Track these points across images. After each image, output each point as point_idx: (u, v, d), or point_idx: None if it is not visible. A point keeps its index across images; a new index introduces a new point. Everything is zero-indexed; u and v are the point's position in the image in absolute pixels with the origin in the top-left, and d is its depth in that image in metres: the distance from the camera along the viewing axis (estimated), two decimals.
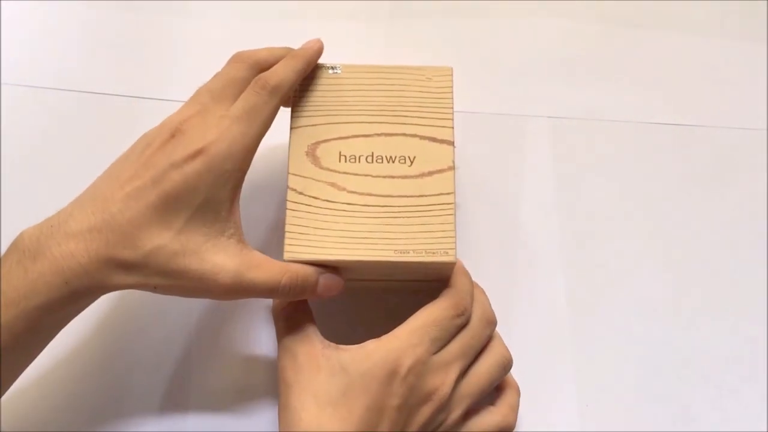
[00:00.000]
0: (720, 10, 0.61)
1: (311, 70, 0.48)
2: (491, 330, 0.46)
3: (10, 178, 0.54)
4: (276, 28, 0.59)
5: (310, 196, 0.45)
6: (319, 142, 0.47)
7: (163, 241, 0.41)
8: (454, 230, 0.45)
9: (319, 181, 0.46)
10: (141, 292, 0.51)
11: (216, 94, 0.44)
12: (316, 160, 0.46)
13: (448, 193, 0.46)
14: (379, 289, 0.50)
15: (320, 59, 0.49)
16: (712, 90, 0.58)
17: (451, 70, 0.49)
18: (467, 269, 0.46)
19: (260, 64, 0.46)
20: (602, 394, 0.50)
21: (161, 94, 0.57)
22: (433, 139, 0.47)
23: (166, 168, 0.41)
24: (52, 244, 0.40)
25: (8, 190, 0.53)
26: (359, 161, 0.46)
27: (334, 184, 0.46)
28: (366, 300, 0.51)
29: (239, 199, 0.44)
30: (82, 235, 0.40)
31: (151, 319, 0.51)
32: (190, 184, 0.41)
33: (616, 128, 0.57)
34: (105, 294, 0.42)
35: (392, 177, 0.46)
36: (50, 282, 0.39)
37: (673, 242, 0.54)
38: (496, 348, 0.46)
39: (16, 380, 0.46)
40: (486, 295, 0.47)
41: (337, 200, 0.45)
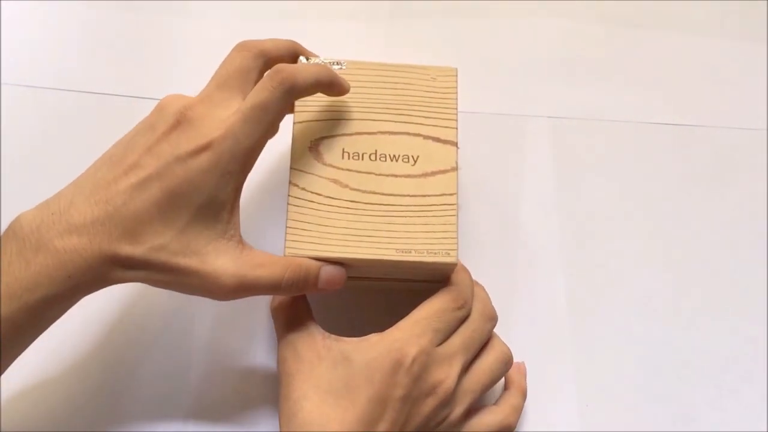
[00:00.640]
0: (720, 10, 0.61)
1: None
2: (492, 325, 0.46)
3: (10, 178, 0.53)
4: (276, 28, 0.59)
5: (312, 192, 0.45)
6: (322, 138, 0.47)
7: (165, 240, 0.40)
8: (456, 231, 0.45)
9: (322, 178, 0.46)
10: (142, 295, 0.52)
11: (221, 83, 0.44)
12: (318, 156, 0.46)
13: (451, 194, 0.46)
14: (380, 289, 0.50)
15: (323, 55, 0.49)
16: (712, 90, 0.58)
17: (456, 71, 0.49)
18: (467, 268, 0.46)
19: (266, 54, 0.45)
20: (602, 394, 0.50)
21: (161, 94, 0.57)
22: (437, 140, 0.47)
23: (171, 161, 0.40)
24: (54, 236, 0.39)
25: (8, 190, 0.53)
26: (362, 158, 0.46)
27: (336, 181, 0.46)
28: (366, 300, 0.51)
29: (239, 199, 0.43)
30: (85, 228, 0.39)
31: (151, 322, 0.51)
32: (194, 182, 0.40)
33: (616, 128, 0.57)
34: (107, 287, 0.41)
35: (395, 176, 0.46)
36: (53, 276, 0.39)
37: (673, 242, 0.54)
38: (497, 345, 0.46)
39: (18, 381, 0.46)
40: (486, 292, 0.47)
41: (339, 197, 0.45)
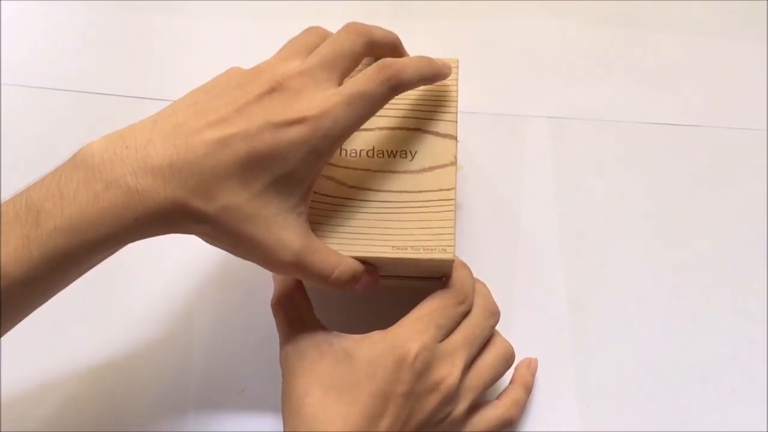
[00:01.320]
0: (720, 10, 0.61)
1: None
2: (495, 321, 0.46)
3: (10, 178, 0.54)
4: (276, 28, 0.59)
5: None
6: None
7: (238, 201, 0.38)
8: (454, 227, 0.45)
9: (320, 176, 0.45)
10: (142, 294, 0.51)
11: (325, 61, 0.41)
12: None
13: (449, 189, 0.45)
14: (380, 287, 0.50)
15: None
16: (712, 90, 0.58)
17: (457, 61, 0.48)
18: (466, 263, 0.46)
19: (374, 44, 0.44)
20: (602, 394, 0.50)
21: (161, 94, 0.57)
22: (436, 134, 0.46)
23: (262, 125, 0.38)
24: (128, 173, 0.37)
25: (8, 190, 0.53)
26: (360, 155, 0.46)
27: (333, 179, 0.46)
28: (366, 298, 0.51)
29: (315, 181, 0.42)
30: (161, 171, 0.37)
31: (152, 318, 0.51)
32: (281, 151, 0.39)
33: (616, 128, 0.57)
34: (165, 235, 0.39)
35: (393, 172, 0.46)
36: (121, 215, 0.37)
37: (673, 242, 0.54)
38: (499, 341, 0.46)
39: (18, 381, 0.46)
40: (487, 288, 0.47)
41: (336, 195, 0.45)
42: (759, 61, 0.59)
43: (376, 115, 0.46)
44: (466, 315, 0.45)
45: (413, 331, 0.42)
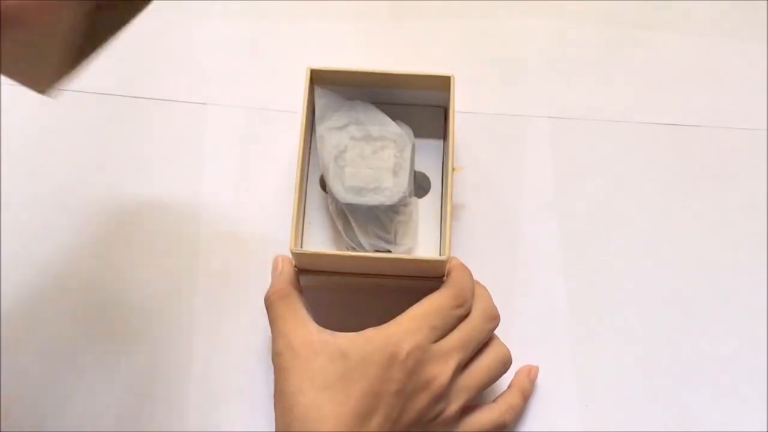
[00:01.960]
0: (720, 10, 0.61)
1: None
2: (493, 325, 0.46)
3: (10, 178, 0.54)
4: (276, 28, 0.59)
5: None
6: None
7: None
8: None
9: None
10: (142, 295, 0.51)
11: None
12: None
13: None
14: (379, 288, 0.50)
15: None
16: (712, 90, 0.58)
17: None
18: (467, 266, 0.46)
19: None
20: (602, 394, 0.50)
21: (161, 94, 0.57)
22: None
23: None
24: None
25: (8, 190, 0.53)
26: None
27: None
28: (361, 299, 0.51)
29: None
30: None
31: (151, 318, 0.51)
32: None
33: (616, 128, 0.57)
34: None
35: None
36: None
37: (673, 242, 0.54)
38: (496, 345, 0.46)
39: (18, 382, 0.46)
40: (488, 292, 0.47)
41: None
42: (759, 61, 0.59)
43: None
44: (463, 318, 0.45)
45: (407, 330, 0.42)
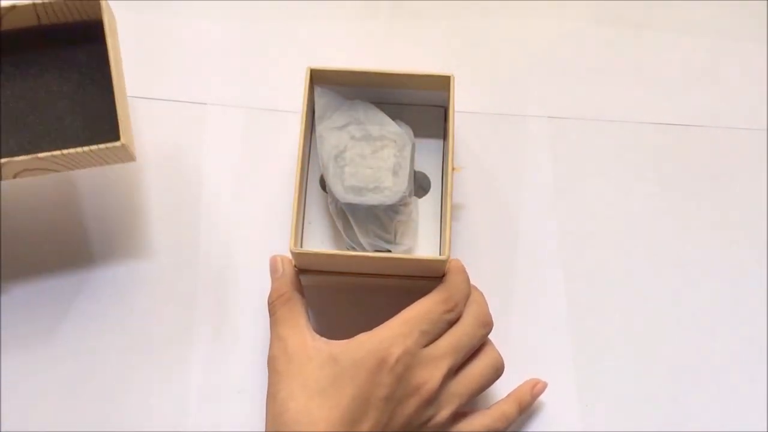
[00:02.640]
0: (720, 10, 0.61)
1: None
2: (485, 331, 0.46)
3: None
4: (276, 28, 0.59)
5: None
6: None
7: None
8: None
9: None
10: (142, 296, 0.52)
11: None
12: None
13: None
14: (379, 287, 0.50)
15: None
16: (712, 90, 0.58)
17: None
18: (466, 269, 0.46)
19: None
20: (602, 394, 0.50)
21: (161, 94, 0.57)
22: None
23: None
24: None
25: (8, 190, 0.53)
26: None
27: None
28: (361, 299, 0.51)
29: None
30: None
31: (151, 318, 0.51)
32: None
33: (616, 128, 0.57)
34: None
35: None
36: None
37: (673, 242, 0.54)
38: (489, 352, 0.46)
39: (18, 383, 0.46)
40: (484, 298, 0.47)
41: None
42: (759, 61, 0.59)
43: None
44: (454, 322, 0.45)
45: (397, 334, 0.42)
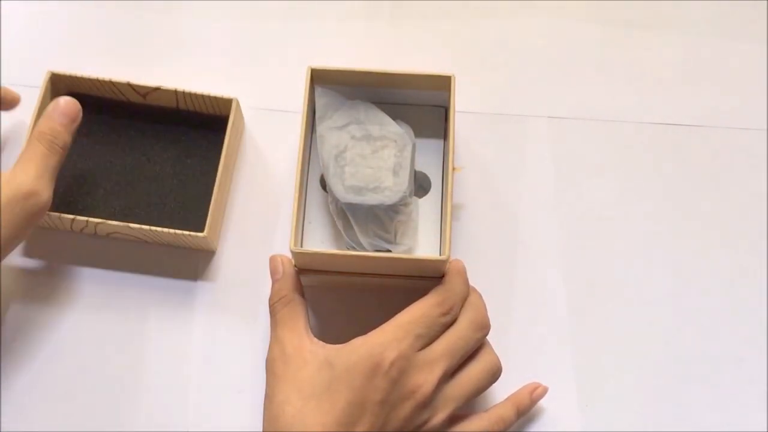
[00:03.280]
0: (720, 10, 0.61)
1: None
2: (482, 334, 0.45)
3: None
4: (276, 27, 0.59)
5: None
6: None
7: None
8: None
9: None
10: (142, 297, 0.52)
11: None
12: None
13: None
14: (375, 288, 0.50)
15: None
16: (712, 90, 0.58)
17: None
18: (465, 271, 0.46)
19: None
20: (602, 394, 0.50)
21: None
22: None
23: None
24: None
25: None
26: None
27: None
28: (361, 299, 0.51)
29: None
30: None
31: (151, 318, 0.51)
32: None
33: (616, 128, 0.57)
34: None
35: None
36: None
37: (673, 242, 0.54)
38: (486, 355, 0.46)
39: (18, 384, 0.46)
40: (482, 300, 0.47)
41: None
42: (759, 61, 0.59)
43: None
44: (449, 325, 0.44)
45: (392, 338, 0.42)
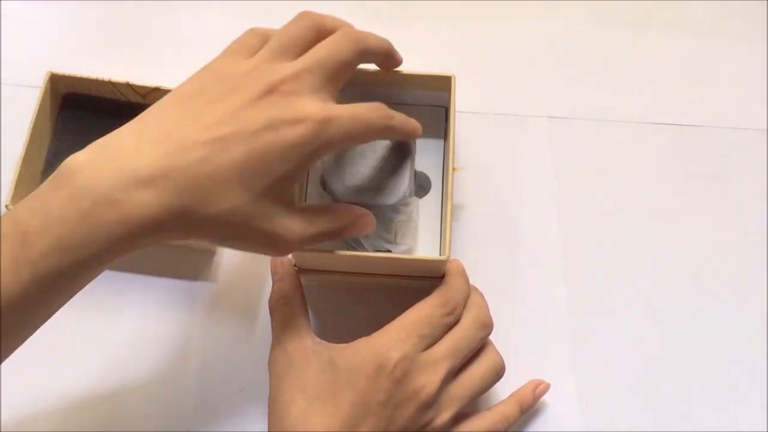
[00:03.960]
0: (720, 10, 0.61)
1: None
2: (485, 333, 0.45)
3: (10, 178, 0.53)
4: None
5: None
6: None
7: (240, 203, 0.38)
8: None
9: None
10: (142, 296, 0.52)
11: (321, 68, 0.41)
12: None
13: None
14: (375, 288, 0.50)
15: None
16: (712, 90, 0.58)
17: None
18: (466, 270, 0.46)
19: (369, 52, 0.44)
20: (602, 394, 0.50)
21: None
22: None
23: (261, 127, 0.38)
24: (117, 188, 0.35)
25: (8, 190, 0.53)
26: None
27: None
28: (361, 299, 0.51)
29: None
30: (154, 182, 0.36)
31: (150, 317, 0.51)
32: (281, 152, 0.38)
33: (616, 128, 0.57)
34: (161, 244, 0.38)
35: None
36: (113, 231, 0.35)
37: (673, 242, 0.54)
38: (490, 354, 0.46)
39: (18, 383, 0.46)
40: (484, 300, 0.47)
41: None
42: (759, 61, 0.59)
43: None
44: (453, 325, 0.44)
45: (396, 339, 0.42)
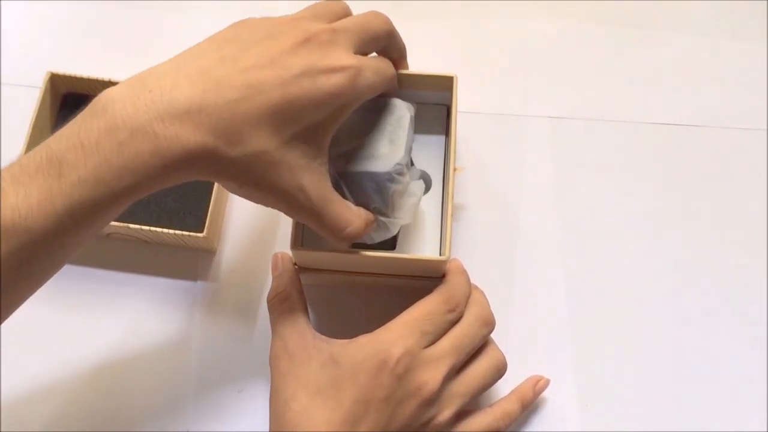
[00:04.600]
0: (720, 10, 0.61)
1: None
2: (487, 331, 0.46)
3: None
4: None
5: None
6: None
7: (268, 147, 0.38)
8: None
9: None
10: (142, 295, 0.52)
11: (355, 31, 0.42)
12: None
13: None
14: (380, 287, 0.50)
15: None
16: (712, 90, 0.58)
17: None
18: (465, 269, 0.46)
19: (392, 39, 0.46)
20: (602, 394, 0.50)
21: None
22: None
23: (299, 72, 0.38)
24: (154, 119, 0.36)
25: None
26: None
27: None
28: (361, 298, 0.51)
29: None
30: (190, 116, 0.36)
31: (151, 317, 0.51)
32: (316, 100, 0.38)
33: (616, 128, 0.57)
34: (190, 180, 0.38)
35: None
36: (147, 163, 0.36)
37: (673, 242, 0.54)
38: (491, 351, 0.46)
39: (18, 383, 0.46)
40: (485, 297, 0.47)
41: None
42: (759, 61, 0.59)
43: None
44: (455, 323, 0.44)
45: (398, 336, 0.42)
